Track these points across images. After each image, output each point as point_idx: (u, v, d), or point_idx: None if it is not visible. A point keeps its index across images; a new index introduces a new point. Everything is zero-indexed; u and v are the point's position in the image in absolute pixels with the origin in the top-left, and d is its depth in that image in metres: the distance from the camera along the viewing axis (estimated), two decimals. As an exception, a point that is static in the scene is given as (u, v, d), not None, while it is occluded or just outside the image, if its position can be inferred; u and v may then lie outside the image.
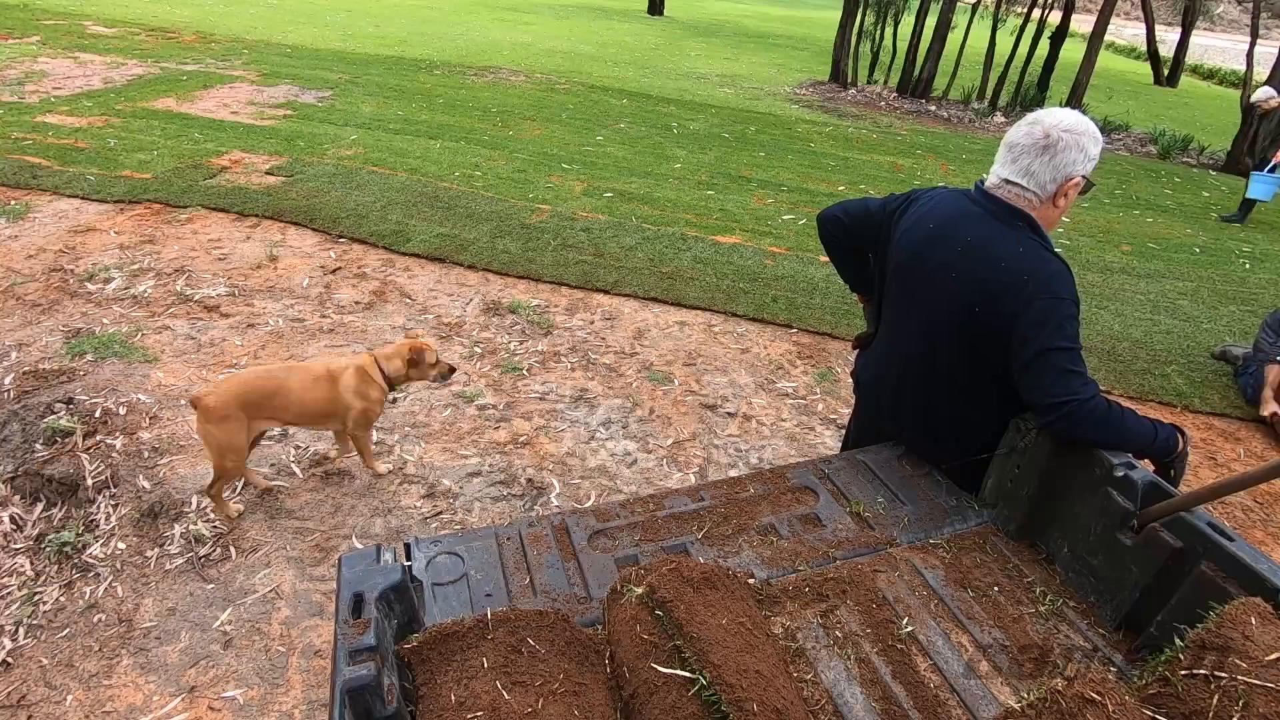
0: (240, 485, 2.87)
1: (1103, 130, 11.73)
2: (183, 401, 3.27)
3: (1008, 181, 1.69)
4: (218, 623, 2.35)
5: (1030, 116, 1.68)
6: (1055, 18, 14.11)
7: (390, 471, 3.04)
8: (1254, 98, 7.70)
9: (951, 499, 1.89)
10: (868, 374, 2.13)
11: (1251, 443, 3.87)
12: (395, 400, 3.49)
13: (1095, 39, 12.02)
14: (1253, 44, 10.81)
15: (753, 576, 1.59)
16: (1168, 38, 22.52)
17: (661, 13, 22.51)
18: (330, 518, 2.79)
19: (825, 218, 2.14)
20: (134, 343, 3.68)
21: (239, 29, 12.28)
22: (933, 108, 12.60)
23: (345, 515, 2.81)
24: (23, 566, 2.47)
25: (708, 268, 5.13)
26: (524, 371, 3.81)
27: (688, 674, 1.23)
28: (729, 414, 3.66)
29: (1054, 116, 1.65)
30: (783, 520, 1.77)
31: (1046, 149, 1.63)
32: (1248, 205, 7.76)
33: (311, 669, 2.23)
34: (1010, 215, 1.69)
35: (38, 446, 2.88)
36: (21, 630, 2.28)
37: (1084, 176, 1.66)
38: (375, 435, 3.24)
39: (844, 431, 2.52)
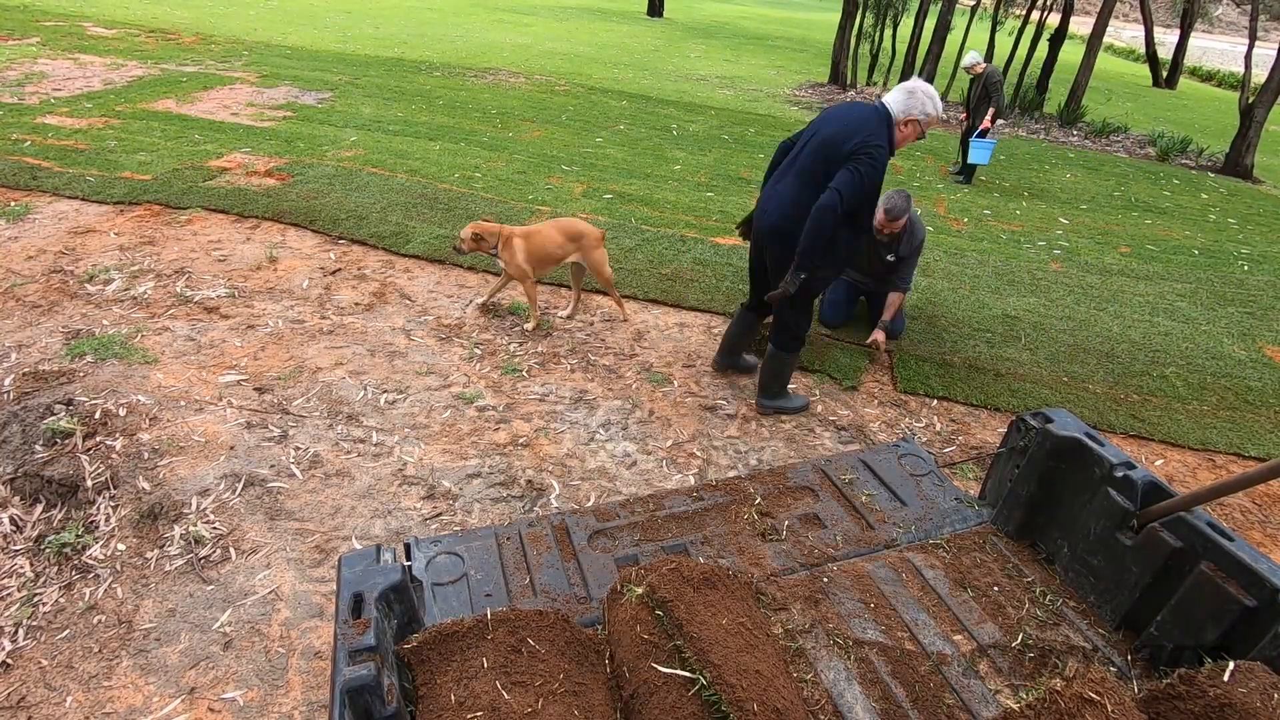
0: (241, 485, 2.87)
1: (1101, 132, 11.81)
2: (182, 402, 3.27)
3: (886, 100, 3.02)
4: (217, 624, 2.35)
5: (907, 85, 3.02)
6: (1054, 19, 14.13)
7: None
8: (964, 63, 8.01)
9: (951, 499, 1.89)
10: (758, 210, 3.30)
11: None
12: (395, 402, 3.49)
13: (1094, 41, 12.04)
14: (1251, 46, 10.82)
15: (753, 576, 1.59)
16: (1166, 40, 22.56)
17: (661, 14, 22.54)
18: (330, 519, 2.79)
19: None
20: (134, 344, 3.67)
21: (239, 30, 12.29)
22: (932, 109, 12.60)
23: (345, 516, 2.81)
24: (22, 568, 2.47)
25: (707, 269, 5.13)
26: (524, 373, 3.81)
27: (688, 674, 1.22)
28: (728, 415, 3.66)
29: (921, 82, 3.01)
30: (783, 520, 1.77)
31: (910, 92, 2.97)
32: (969, 169, 8.13)
33: (311, 670, 2.23)
34: (879, 114, 2.98)
35: (37, 448, 2.88)
36: (21, 631, 2.28)
37: (924, 115, 2.97)
38: (375, 436, 3.24)
39: (841, 432, 2.64)
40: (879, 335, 4.14)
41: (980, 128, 7.77)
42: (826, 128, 2.98)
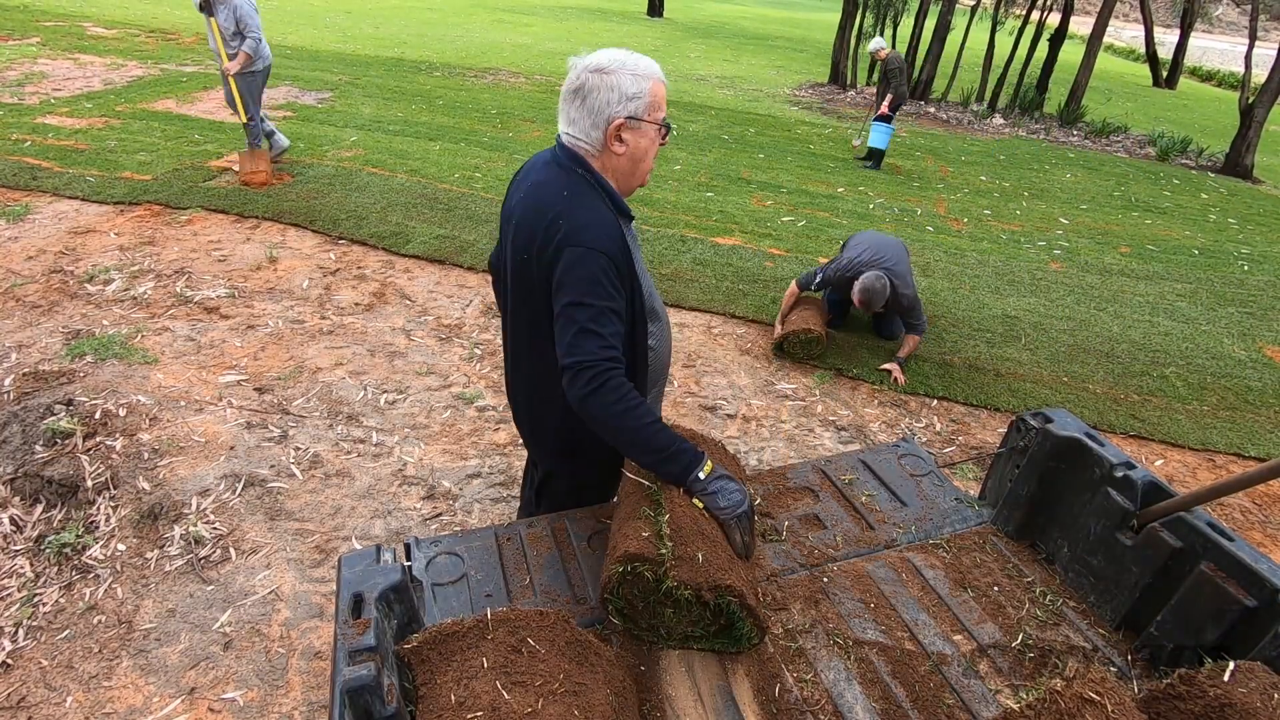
0: (241, 485, 2.87)
1: (1101, 132, 11.80)
2: (182, 403, 3.27)
3: (566, 133, 1.54)
4: (217, 624, 2.35)
5: (574, 59, 1.50)
6: (1054, 19, 14.14)
7: None
8: (869, 48, 8.19)
9: (951, 499, 1.89)
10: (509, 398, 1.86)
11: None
12: (395, 402, 3.49)
13: (1094, 41, 12.04)
14: (1251, 46, 10.82)
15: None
16: (1166, 40, 22.57)
17: (661, 14, 22.54)
18: (330, 519, 2.79)
19: None
20: (134, 344, 3.68)
21: (239, 31, 12.28)
22: (932, 109, 12.61)
23: (345, 517, 2.81)
24: (22, 568, 2.47)
25: (707, 269, 5.13)
26: (524, 373, 3.81)
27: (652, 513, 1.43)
28: (728, 415, 3.66)
29: (589, 58, 1.48)
30: (783, 521, 1.77)
31: (577, 93, 1.47)
32: (876, 154, 8.24)
33: (311, 670, 2.23)
34: (571, 160, 1.53)
35: (37, 448, 2.88)
36: (21, 632, 2.28)
37: (630, 116, 1.47)
38: (375, 436, 3.24)
39: (841, 432, 2.53)
40: (895, 370, 4.05)
41: (879, 112, 8.04)
42: (510, 239, 1.61)
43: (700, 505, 1.47)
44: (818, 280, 4.14)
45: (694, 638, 1.42)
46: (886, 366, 4.10)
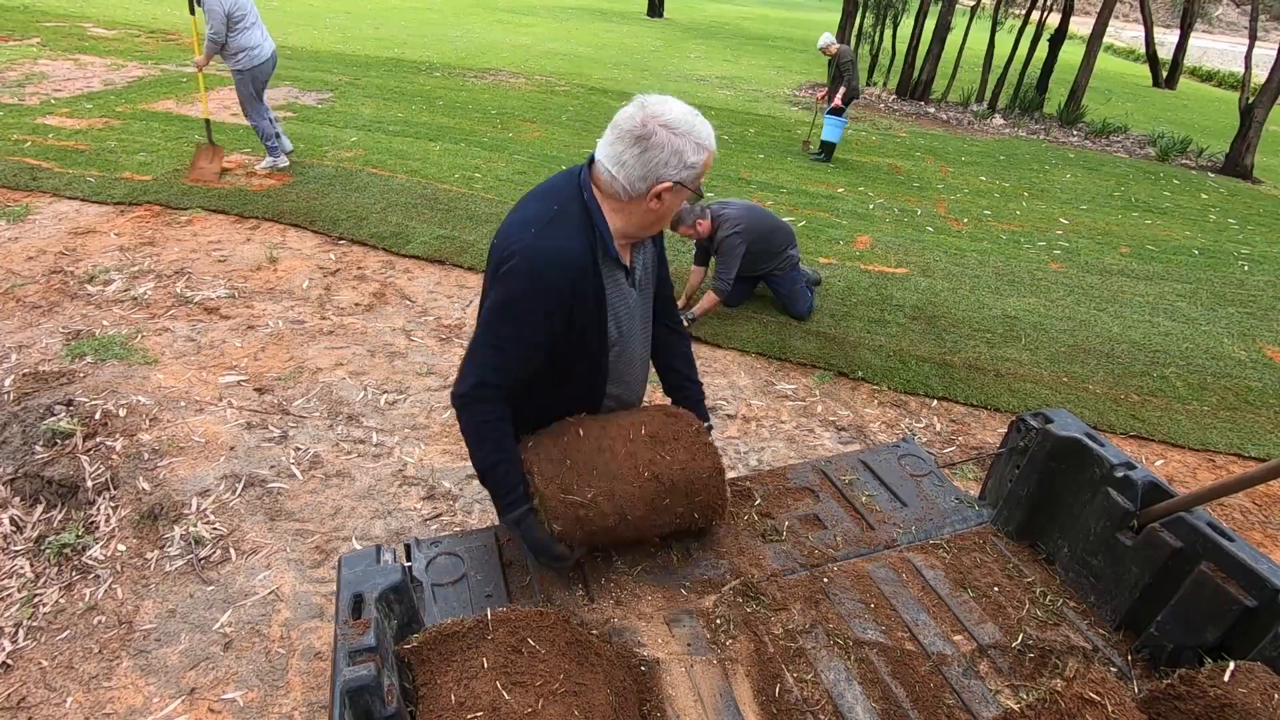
0: (241, 486, 2.87)
1: (1101, 133, 11.80)
2: (182, 403, 3.27)
3: (607, 170, 1.45)
4: (218, 624, 2.35)
5: (643, 99, 1.44)
6: (1054, 20, 14.14)
7: None
8: (819, 44, 8.32)
9: (951, 499, 1.89)
10: None
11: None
12: (395, 403, 3.49)
13: (1094, 41, 12.05)
14: (1251, 46, 10.82)
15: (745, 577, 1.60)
16: (1166, 40, 22.57)
17: (661, 14, 22.55)
18: (330, 519, 2.79)
19: None
20: (134, 344, 3.68)
21: (239, 31, 12.28)
22: (932, 109, 12.62)
23: (345, 517, 2.81)
24: (23, 568, 2.47)
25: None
26: (524, 373, 3.81)
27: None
28: (728, 416, 3.66)
29: (662, 106, 1.41)
30: (783, 521, 1.77)
31: (639, 141, 1.40)
32: (827, 147, 8.33)
33: (311, 671, 2.23)
34: (573, 187, 1.50)
35: (38, 448, 2.88)
36: (21, 632, 2.28)
37: (678, 183, 1.44)
38: (375, 436, 3.24)
39: (841, 432, 2.52)
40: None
41: (832, 105, 8.19)
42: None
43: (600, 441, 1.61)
44: (696, 250, 4.51)
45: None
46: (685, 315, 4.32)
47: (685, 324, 4.24)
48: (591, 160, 1.51)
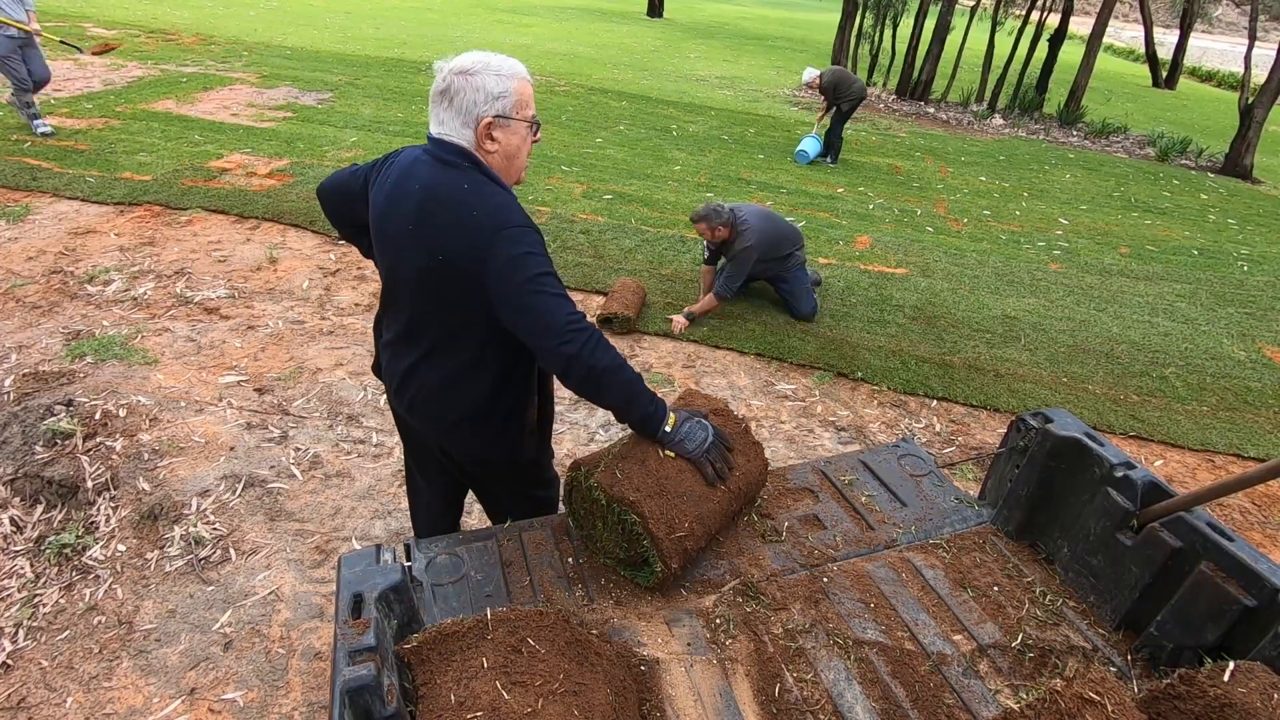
0: (241, 486, 2.87)
1: (1101, 133, 11.80)
2: (182, 403, 3.27)
3: (438, 132, 1.57)
4: (218, 625, 2.35)
5: (439, 63, 1.56)
6: (1054, 20, 14.14)
7: None
8: (803, 81, 8.32)
9: (951, 499, 1.89)
10: (384, 368, 1.86)
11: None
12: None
13: (1094, 41, 12.05)
14: (1250, 46, 10.83)
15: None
16: (1166, 40, 22.58)
17: (660, 14, 22.55)
18: (330, 520, 2.79)
19: (319, 193, 1.89)
20: (134, 345, 3.68)
21: (239, 31, 12.29)
22: (932, 110, 12.62)
23: (345, 518, 2.81)
24: (23, 569, 2.47)
25: (707, 269, 5.13)
26: (524, 373, 3.81)
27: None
28: (729, 415, 3.66)
29: (454, 61, 1.52)
30: (783, 521, 1.77)
31: (444, 95, 1.52)
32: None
33: (311, 671, 2.23)
34: (457, 155, 1.55)
35: (38, 448, 2.88)
36: (21, 632, 2.28)
37: (497, 116, 1.52)
38: (375, 436, 3.24)
39: (841, 433, 2.52)
40: (677, 320, 4.34)
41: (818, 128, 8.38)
42: (408, 241, 1.60)
43: (672, 454, 1.58)
44: (706, 252, 4.52)
45: (621, 561, 1.58)
46: (672, 316, 4.39)
47: (685, 322, 4.27)
48: (433, 143, 1.58)
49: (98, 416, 3.09)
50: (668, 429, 1.58)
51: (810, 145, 8.24)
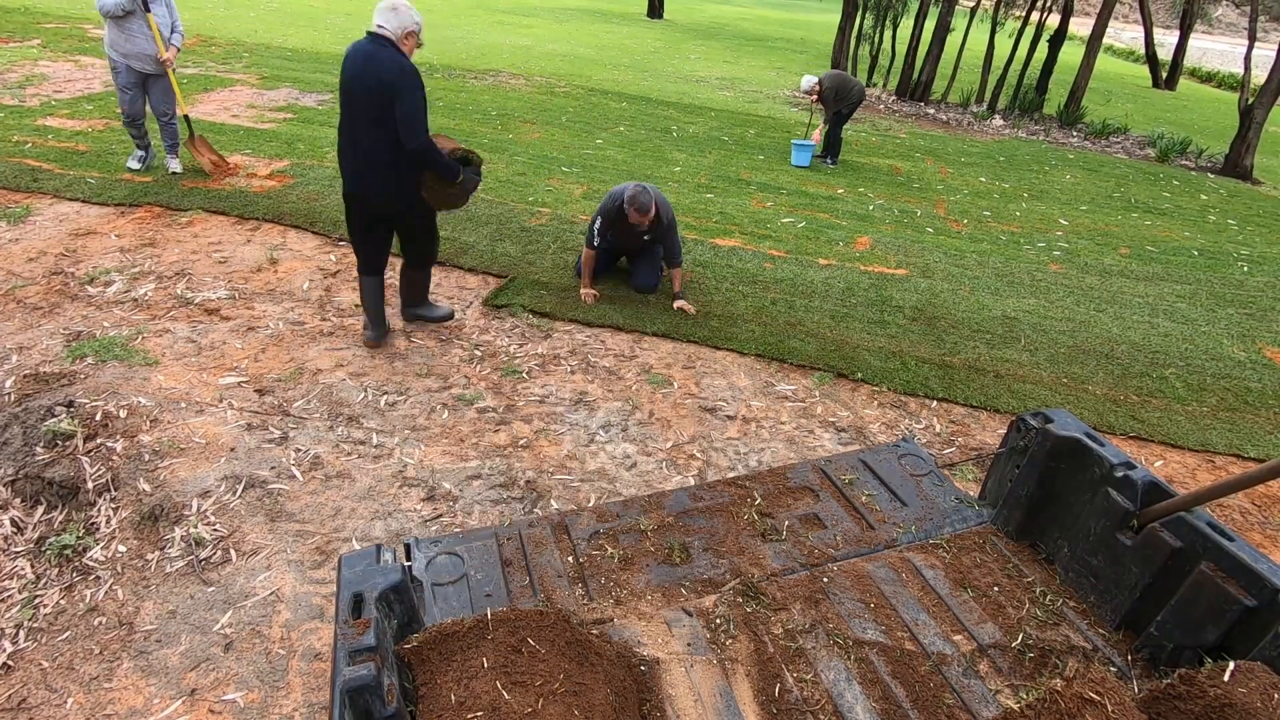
0: (241, 487, 2.87)
1: (1101, 133, 11.80)
2: (183, 404, 3.27)
3: (381, 26, 3.29)
4: (218, 625, 2.35)
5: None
6: (1054, 21, 14.15)
7: None
8: (803, 88, 8.30)
9: (951, 499, 1.89)
10: (350, 176, 3.62)
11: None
12: (395, 404, 3.49)
13: (1094, 42, 12.06)
14: (1250, 46, 10.83)
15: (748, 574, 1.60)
16: (1166, 41, 22.59)
17: (661, 15, 22.56)
18: (330, 520, 2.79)
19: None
20: (134, 346, 3.68)
21: (239, 32, 12.31)
22: (932, 110, 12.62)
23: (345, 518, 2.81)
24: (23, 569, 2.47)
25: (707, 271, 5.13)
26: (523, 374, 3.82)
27: None
28: (728, 417, 3.66)
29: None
30: (783, 520, 1.77)
31: (392, 8, 3.28)
32: (832, 151, 8.37)
33: (312, 671, 2.23)
34: (387, 42, 3.30)
35: (38, 449, 2.88)
36: (22, 633, 2.28)
37: (413, 32, 3.34)
38: (375, 437, 3.24)
39: (841, 433, 2.54)
40: (686, 306, 4.52)
41: (815, 136, 8.32)
42: (359, 88, 3.30)
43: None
44: (595, 237, 4.52)
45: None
46: (678, 305, 4.52)
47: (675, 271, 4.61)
48: (370, 34, 3.33)
49: (98, 417, 3.09)
50: (459, 177, 3.57)
51: (799, 157, 8.20)
